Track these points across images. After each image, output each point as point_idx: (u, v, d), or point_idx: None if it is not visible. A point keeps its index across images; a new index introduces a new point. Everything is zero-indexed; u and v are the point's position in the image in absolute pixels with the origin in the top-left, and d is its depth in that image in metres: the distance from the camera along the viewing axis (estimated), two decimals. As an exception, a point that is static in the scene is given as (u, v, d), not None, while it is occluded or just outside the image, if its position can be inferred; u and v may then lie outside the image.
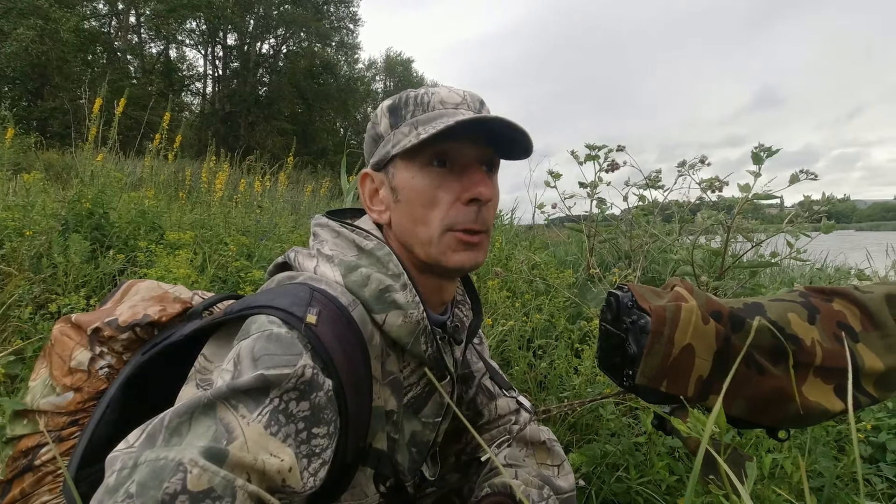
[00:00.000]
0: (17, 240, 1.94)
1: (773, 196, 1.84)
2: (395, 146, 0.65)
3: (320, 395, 0.50)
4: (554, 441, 0.85)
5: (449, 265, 0.65)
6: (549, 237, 4.21)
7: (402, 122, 0.66)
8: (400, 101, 0.68)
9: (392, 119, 0.68)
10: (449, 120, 0.61)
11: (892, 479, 1.34)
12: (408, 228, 0.66)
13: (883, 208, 29.74)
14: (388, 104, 0.69)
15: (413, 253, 0.67)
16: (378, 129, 0.70)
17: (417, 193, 0.64)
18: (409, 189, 0.65)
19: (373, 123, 0.71)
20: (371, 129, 0.71)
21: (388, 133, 0.68)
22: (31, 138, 5.99)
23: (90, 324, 0.66)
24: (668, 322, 0.58)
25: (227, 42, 27.29)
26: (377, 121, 0.70)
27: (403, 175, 0.66)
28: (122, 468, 0.40)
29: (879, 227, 17.46)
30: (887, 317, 0.61)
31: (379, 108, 0.70)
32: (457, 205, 0.64)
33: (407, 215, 0.66)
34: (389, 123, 0.68)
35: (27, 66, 16.58)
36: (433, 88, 0.68)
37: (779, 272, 3.61)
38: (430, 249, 0.65)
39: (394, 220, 0.68)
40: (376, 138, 0.70)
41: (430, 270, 0.68)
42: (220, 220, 2.96)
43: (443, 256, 0.65)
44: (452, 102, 0.67)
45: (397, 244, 0.69)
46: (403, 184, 0.65)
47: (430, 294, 0.70)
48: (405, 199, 0.65)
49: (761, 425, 0.63)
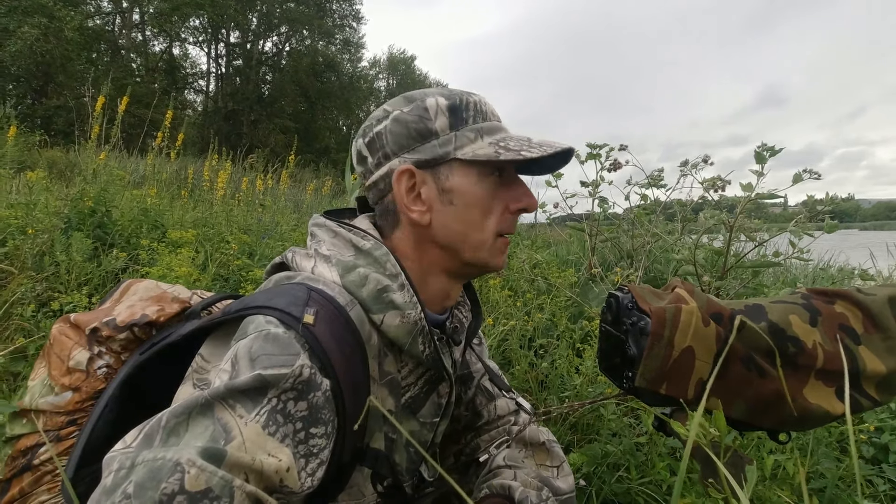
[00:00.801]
0: (20, 238, 1.95)
1: (777, 195, 1.83)
2: (458, 149, 0.65)
3: (318, 395, 0.50)
4: (553, 442, 0.85)
5: (493, 267, 0.70)
6: (550, 236, 4.21)
7: (464, 125, 0.66)
8: (460, 102, 0.67)
9: (452, 119, 0.66)
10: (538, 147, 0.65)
11: (894, 481, 1.34)
12: (459, 232, 0.66)
13: (887, 207, 29.62)
14: (445, 102, 0.66)
15: (458, 256, 0.68)
16: (430, 124, 0.65)
17: (478, 200, 0.66)
18: (470, 195, 0.66)
19: (419, 116, 0.66)
20: (415, 122, 0.66)
21: (444, 132, 0.65)
22: (36, 136, 6.01)
23: (88, 324, 0.66)
24: (668, 324, 0.58)
25: (229, 40, 27.34)
26: (429, 116, 0.65)
27: (462, 179, 0.65)
28: (120, 468, 0.40)
29: (884, 227, 17.39)
30: (889, 319, 0.60)
31: (430, 102, 0.66)
32: (506, 213, 0.69)
33: (461, 219, 0.66)
34: (448, 123, 0.65)
35: (31, 64, 16.62)
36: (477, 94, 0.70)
37: (781, 272, 3.60)
38: (480, 253, 0.68)
39: (437, 222, 0.66)
40: (426, 134, 0.65)
41: (464, 273, 0.70)
42: (222, 219, 2.97)
43: (491, 259, 0.69)
44: (496, 114, 0.71)
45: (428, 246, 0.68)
46: (464, 188, 0.65)
47: (440, 296, 0.70)
48: (462, 203, 0.66)
49: (762, 428, 0.63)
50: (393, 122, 0.67)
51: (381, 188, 0.68)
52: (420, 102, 0.67)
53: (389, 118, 0.67)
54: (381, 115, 0.68)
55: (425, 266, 0.69)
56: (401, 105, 0.67)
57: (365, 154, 0.69)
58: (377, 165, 0.68)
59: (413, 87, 35.47)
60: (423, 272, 0.69)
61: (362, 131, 0.70)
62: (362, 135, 0.70)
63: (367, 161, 0.69)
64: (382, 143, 0.67)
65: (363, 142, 0.69)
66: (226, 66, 27.68)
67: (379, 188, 0.69)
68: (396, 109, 0.67)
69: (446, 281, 0.70)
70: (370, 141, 0.68)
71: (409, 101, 0.67)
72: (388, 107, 0.69)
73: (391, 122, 0.67)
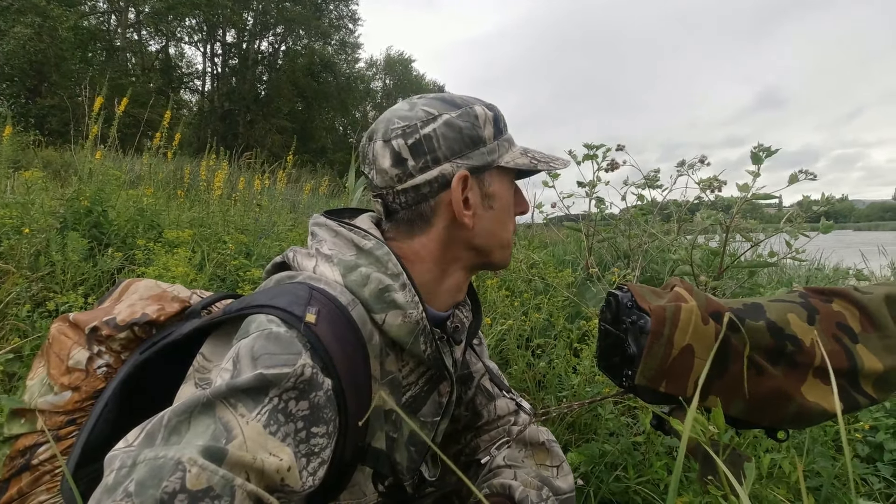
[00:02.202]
0: (16, 237, 1.93)
1: (772, 196, 1.84)
2: (501, 157, 0.70)
3: (319, 394, 0.50)
4: (553, 442, 0.85)
5: (508, 263, 0.76)
6: (547, 236, 4.21)
7: (501, 135, 0.71)
8: (499, 113, 0.72)
9: (495, 129, 0.70)
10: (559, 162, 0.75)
11: (890, 479, 1.35)
12: (496, 233, 0.71)
13: (881, 208, 29.85)
14: (490, 113, 0.70)
15: (488, 255, 0.72)
16: (481, 132, 0.67)
17: (508, 204, 0.73)
18: (505, 199, 0.72)
19: (471, 124, 0.66)
20: (469, 129, 0.66)
21: (491, 141, 0.69)
22: (30, 136, 5.98)
23: (88, 323, 0.66)
24: (667, 322, 0.58)
25: (226, 39, 27.25)
26: (479, 123, 0.67)
27: (500, 186, 0.71)
28: (121, 467, 0.40)
29: (878, 227, 17.51)
30: (887, 318, 0.61)
31: (480, 111, 0.68)
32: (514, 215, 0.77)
33: (499, 222, 0.71)
34: (493, 132, 0.69)
35: (25, 63, 16.52)
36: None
37: (776, 272, 3.62)
38: (505, 252, 0.74)
39: (479, 226, 0.69)
40: (476, 141, 0.66)
41: (482, 268, 0.76)
42: (219, 219, 2.96)
43: (509, 256, 0.76)
44: None
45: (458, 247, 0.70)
46: (500, 193, 0.71)
47: (454, 290, 0.72)
48: (500, 206, 0.71)
49: (760, 426, 0.63)
50: (445, 126, 0.65)
51: (423, 192, 0.65)
52: (469, 109, 0.68)
53: (440, 122, 0.65)
54: (424, 117, 0.65)
55: (447, 265, 0.70)
56: (446, 109, 0.66)
57: (406, 156, 0.64)
58: (423, 169, 0.65)
59: (410, 88, 35.52)
60: (442, 271, 0.70)
61: (401, 131, 0.65)
62: (402, 135, 0.65)
63: (408, 163, 0.65)
64: (433, 147, 0.65)
65: (404, 143, 0.64)
66: (222, 65, 27.60)
67: (421, 192, 0.65)
68: (445, 113, 0.66)
69: (463, 275, 0.73)
70: (416, 143, 0.64)
71: (454, 105, 0.67)
72: (430, 108, 0.66)
73: (443, 126, 0.65)
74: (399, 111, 0.67)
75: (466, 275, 0.74)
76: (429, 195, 0.66)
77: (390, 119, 0.66)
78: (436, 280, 0.70)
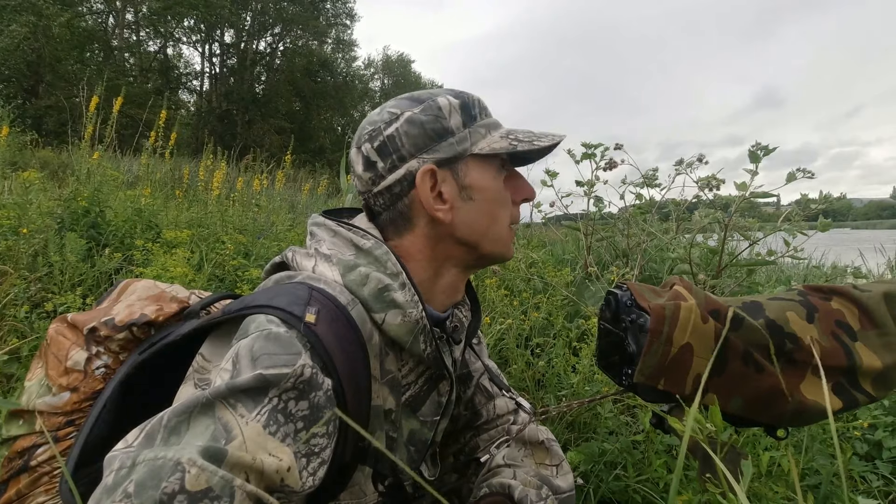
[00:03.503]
0: (13, 238, 1.93)
1: (770, 194, 1.84)
2: (474, 144, 0.66)
3: (319, 394, 0.50)
4: (552, 441, 0.85)
5: (508, 256, 0.73)
6: (546, 235, 4.22)
7: (474, 122, 0.68)
8: (468, 100, 0.69)
9: (464, 117, 0.67)
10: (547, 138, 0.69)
11: (889, 477, 1.35)
12: (482, 226, 0.68)
13: (879, 206, 29.90)
14: (456, 101, 0.67)
15: (477, 250, 0.70)
16: (446, 123, 0.66)
17: (495, 194, 0.69)
18: (488, 189, 0.68)
19: (435, 117, 0.66)
20: (431, 122, 0.65)
21: (459, 130, 0.66)
22: (27, 136, 5.96)
23: (86, 323, 0.65)
24: (667, 321, 0.58)
25: (223, 39, 27.21)
26: (443, 115, 0.66)
27: (479, 175, 0.67)
28: (121, 468, 0.40)
29: (876, 226, 17.54)
30: (885, 315, 0.61)
31: (443, 102, 0.67)
32: (513, 204, 0.73)
33: (484, 215, 0.68)
34: (462, 121, 0.67)
35: (21, 63, 16.46)
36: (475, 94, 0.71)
37: (775, 270, 3.63)
38: (498, 245, 0.70)
39: (458, 219, 0.67)
40: (442, 133, 0.66)
41: (478, 265, 0.73)
42: (217, 219, 2.95)
43: (507, 250, 0.72)
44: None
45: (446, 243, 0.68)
46: (481, 183, 0.67)
47: (450, 290, 0.71)
48: (483, 198, 0.68)
49: (760, 423, 0.63)
50: (407, 124, 0.65)
51: (395, 192, 0.66)
52: (431, 102, 0.66)
53: (401, 120, 0.66)
54: (388, 118, 0.66)
55: (439, 263, 0.69)
56: (409, 106, 0.66)
57: (374, 159, 0.66)
58: (391, 169, 0.66)
59: (409, 87, 35.48)
60: (435, 270, 0.69)
61: (367, 136, 0.67)
62: (368, 139, 0.67)
63: (377, 166, 0.66)
64: (397, 146, 0.65)
65: (371, 146, 0.66)
66: (220, 65, 27.55)
67: (393, 192, 0.66)
68: (407, 111, 0.66)
69: (457, 274, 0.72)
70: (381, 145, 0.66)
71: (418, 101, 0.67)
72: (394, 109, 0.67)
73: (405, 124, 0.65)
74: (370, 116, 0.69)
75: (462, 273, 0.72)
76: (401, 194, 0.66)
77: (363, 125, 0.69)
78: (430, 279, 0.69)
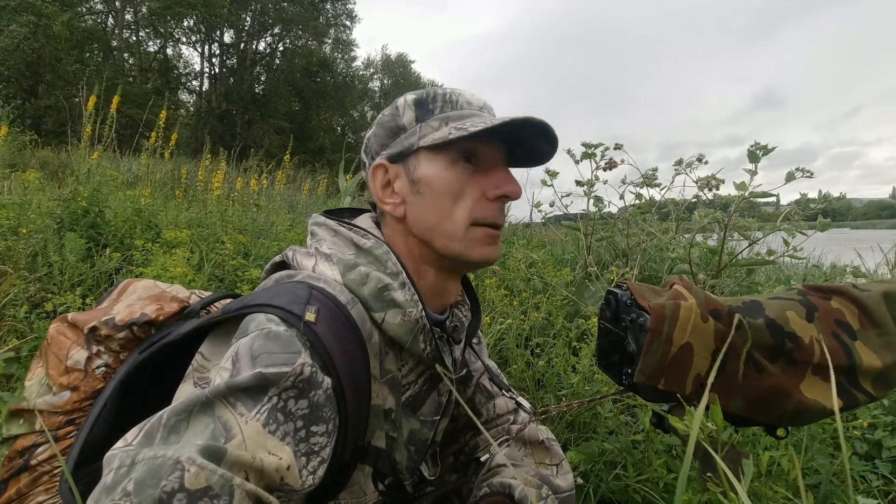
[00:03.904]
0: (13, 238, 1.93)
1: (769, 194, 1.84)
2: (422, 138, 0.66)
3: (319, 393, 0.50)
4: (552, 440, 0.85)
5: (473, 259, 0.67)
6: (546, 235, 4.22)
7: (430, 116, 0.67)
8: (427, 96, 0.69)
9: (418, 112, 0.68)
10: (489, 120, 0.63)
11: (888, 477, 1.35)
12: (431, 222, 0.66)
13: (878, 206, 29.91)
14: (412, 98, 0.69)
15: (432, 248, 0.67)
16: (399, 121, 0.68)
17: (445, 187, 0.65)
18: (438, 182, 0.65)
19: (392, 115, 0.69)
20: (389, 121, 0.69)
21: (412, 126, 0.67)
22: (27, 136, 5.96)
23: (87, 323, 0.65)
24: (667, 320, 0.58)
25: (223, 39, 27.20)
26: (398, 113, 0.69)
27: (429, 168, 0.66)
28: (120, 466, 0.40)
29: (875, 226, 17.54)
30: (885, 315, 0.61)
31: (401, 101, 0.69)
32: (483, 200, 0.67)
33: (431, 209, 0.66)
34: (415, 116, 0.67)
35: (21, 63, 16.46)
36: (457, 89, 0.69)
37: (774, 270, 3.63)
38: (453, 243, 0.66)
39: (411, 214, 0.67)
40: (396, 130, 0.69)
41: (447, 266, 0.69)
42: (217, 219, 2.95)
43: (468, 250, 0.66)
44: (477, 105, 0.69)
45: (411, 240, 0.68)
46: (430, 177, 0.66)
47: (435, 295, 0.70)
48: (431, 192, 0.66)
49: (760, 423, 0.63)
50: (376, 126, 0.72)
51: (370, 189, 0.72)
52: (395, 102, 0.70)
53: (374, 123, 0.72)
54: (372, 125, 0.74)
55: (416, 262, 0.69)
56: (384, 110, 0.72)
57: (364, 160, 0.74)
58: (366, 168, 0.73)
59: (409, 87, 35.41)
60: (415, 269, 0.69)
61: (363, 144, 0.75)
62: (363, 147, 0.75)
63: (365, 166, 0.74)
64: (370, 147, 0.72)
65: (362, 150, 0.75)
66: (219, 65, 27.53)
67: (370, 189, 0.72)
68: (379, 114, 0.72)
69: (436, 275, 0.70)
70: (365, 148, 0.74)
71: (392, 105, 0.71)
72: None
73: (375, 127, 0.72)
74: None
75: (441, 275, 0.70)
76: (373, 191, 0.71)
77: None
78: (415, 275, 0.69)
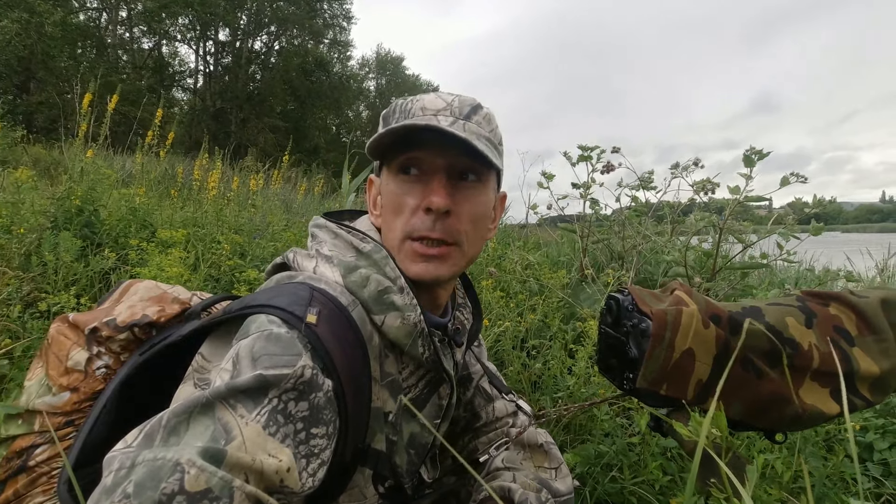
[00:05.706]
0: (6, 237, 1.91)
1: (763, 197, 1.86)
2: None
3: (319, 395, 0.50)
4: (551, 444, 0.86)
5: (410, 276, 0.64)
6: (541, 237, 4.22)
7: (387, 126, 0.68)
8: (391, 108, 0.69)
9: (382, 125, 0.69)
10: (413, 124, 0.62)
11: (879, 479, 1.37)
12: (386, 235, 0.68)
13: (868, 210, 30.24)
14: (384, 111, 0.70)
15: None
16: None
17: (388, 200, 0.67)
18: (385, 196, 0.68)
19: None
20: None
21: None
22: (18, 132, 5.89)
23: (88, 323, 0.65)
24: (669, 326, 0.59)
25: (218, 37, 27.06)
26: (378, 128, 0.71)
27: (384, 181, 0.68)
28: (120, 468, 0.40)
29: (866, 229, 17.73)
30: (883, 321, 0.62)
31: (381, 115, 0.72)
32: (418, 213, 0.64)
33: (385, 222, 0.68)
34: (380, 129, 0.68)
35: (12, 59, 16.30)
36: (422, 95, 0.68)
37: (768, 273, 3.65)
38: (400, 256, 0.65)
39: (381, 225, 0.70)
40: None
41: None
42: (213, 218, 2.93)
43: (403, 265, 0.65)
44: (434, 108, 0.65)
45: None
46: (384, 189, 0.68)
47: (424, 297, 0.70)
48: (385, 204, 0.68)
49: (758, 428, 0.64)
50: None
51: None
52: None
53: None
54: None
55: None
56: None
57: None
58: None
59: (403, 87, 35.43)
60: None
61: None
62: None
63: None
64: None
65: None
66: (214, 64, 27.40)
67: None
68: None
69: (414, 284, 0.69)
70: None
71: None
72: None
73: None
74: None
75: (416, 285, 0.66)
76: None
77: None
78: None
